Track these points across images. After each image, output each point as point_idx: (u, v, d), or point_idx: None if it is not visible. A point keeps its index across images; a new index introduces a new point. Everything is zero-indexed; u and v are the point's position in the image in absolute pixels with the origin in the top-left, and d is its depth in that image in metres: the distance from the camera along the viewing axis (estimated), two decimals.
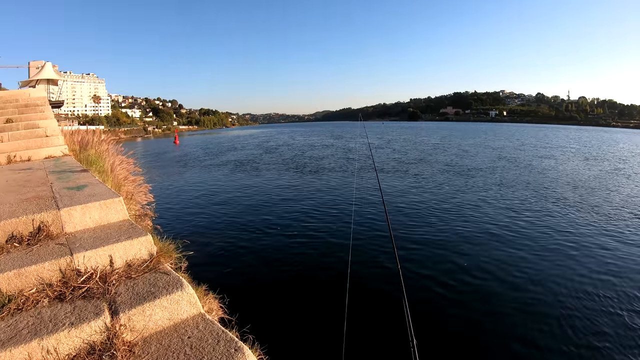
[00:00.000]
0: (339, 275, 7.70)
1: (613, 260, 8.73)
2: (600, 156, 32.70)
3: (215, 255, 9.29)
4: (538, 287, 7.43)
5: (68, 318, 2.03)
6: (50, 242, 2.81)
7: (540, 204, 13.82)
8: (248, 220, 12.32)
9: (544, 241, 10.04)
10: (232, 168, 25.86)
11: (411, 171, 22.69)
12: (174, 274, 2.67)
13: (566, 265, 8.45)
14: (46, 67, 16.92)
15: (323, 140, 56.67)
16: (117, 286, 2.43)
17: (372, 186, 17.61)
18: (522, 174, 21.35)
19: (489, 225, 11.26)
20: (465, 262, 8.61)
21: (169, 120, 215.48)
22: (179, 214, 13.29)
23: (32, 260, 2.46)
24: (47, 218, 3.03)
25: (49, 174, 5.03)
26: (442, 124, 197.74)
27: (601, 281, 7.68)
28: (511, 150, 37.25)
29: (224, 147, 47.49)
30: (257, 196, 16.16)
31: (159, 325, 2.24)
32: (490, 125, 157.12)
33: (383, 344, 5.53)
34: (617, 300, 6.85)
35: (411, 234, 10.58)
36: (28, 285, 2.32)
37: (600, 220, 11.77)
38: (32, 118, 9.00)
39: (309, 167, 25.57)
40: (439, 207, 13.44)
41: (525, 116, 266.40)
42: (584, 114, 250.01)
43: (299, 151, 38.30)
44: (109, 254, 2.72)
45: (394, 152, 35.87)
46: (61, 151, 7.47)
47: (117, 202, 3.46)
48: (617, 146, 47.56)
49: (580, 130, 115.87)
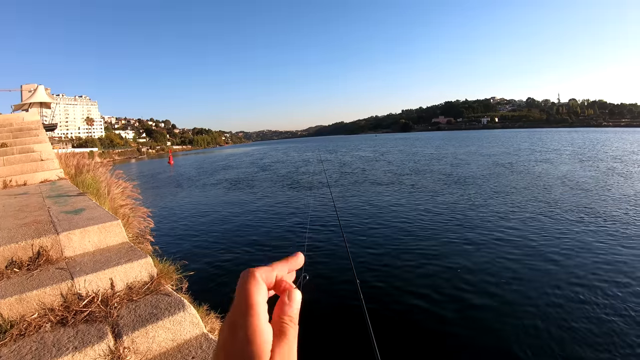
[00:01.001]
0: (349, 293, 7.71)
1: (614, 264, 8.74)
2: (596, 157, 32.89)
3: (214, 275, 9.23)
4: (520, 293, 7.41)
5: (71, 342, 2.03)
6: (50, 267, 2.80)
7: (546, 209, 13.82)
8: (246, 238, 12.27)
9: (539, 244, 10.05)
10: (228, 187, 25.80)
11: (406, 182, 22.76)
12: (175, 295, 2.67)
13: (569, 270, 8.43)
14: (39, 90, 16.97)
15: (318, 155, 56.76)
16: (119, 309, 2.43)
17: (368, 200, 17.66)
18: (520, 179, 21.43)
19: (488, 232, 11.26)
20: (469, 269, 8.59)
21: (162, 141, 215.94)
22: (177, 234, 13.22)
23: (32, 285, 2.45)
24: (47, 243, 3.02)
25: (46, 199, 5.02)
26: (435, 133, 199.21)
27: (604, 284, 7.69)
28: (508, 156, 37.35)
29: (218, 166, 47.41)
30: (254, 214, 16.12)
31: (163, 346, 2.24)
32: (483, 133, 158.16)
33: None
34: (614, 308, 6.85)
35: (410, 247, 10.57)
36: (30, 311, 2.32)
37: (598, 222, 11.82)
38: (27, 142, 9.00)
39: (303, 183, 25.57)
40: (433, 221, 13.45)
41: (516, 121, 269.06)
42: (575, 116, 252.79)
43: (293, 167, 38.31)
44: (109, 277, 2.72)
45: (389, 164, 35.98)
46: (57, 175, 7.47)
47: (115, 225, 3.46)
48: (611, 146, 47.94)
49: (573, 132, 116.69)
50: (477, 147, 57.32)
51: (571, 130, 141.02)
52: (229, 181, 29.21)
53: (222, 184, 27.53)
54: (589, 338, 5.77)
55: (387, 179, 24.55)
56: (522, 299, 7.18)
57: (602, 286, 7.46)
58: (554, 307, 6.78)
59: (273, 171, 35.59)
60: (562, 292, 7.31)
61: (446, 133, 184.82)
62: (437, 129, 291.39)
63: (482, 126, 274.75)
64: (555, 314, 6.57)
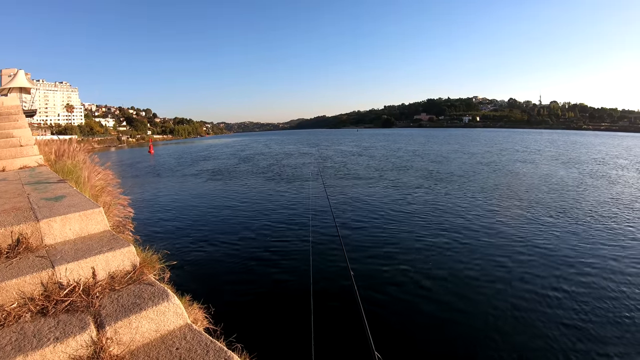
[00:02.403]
0: (341, 283, 7.78)
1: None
2: (579, 159, 33.54)
3: (196, 265, 9.18)
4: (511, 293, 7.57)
5: (52, 333, 1.98)
6: (30, 255, 2.73)
7: (533, 210, 14.06)
8: (227, 229, 12.23)
9: (527, 240, 10.27)
10: (208, 177, 25.63)
11: (388, 177, 22.90)
12: (158, 285, 2.63)
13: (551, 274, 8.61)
14: (19, 75, 16.52)
15: (299, 149, 56.72)
16: (101, 299, 2.38)
17: (355, 195, 17.72)
18: (506, 180, 21.75)
19: (468, 232, 11.41)
20: (449, 272, 8.71)
21: (143, 130, 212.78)
22: (158, 223, 13.10)
23: (12, 274, 2.38)
24: (26, 230, 2.94)
25: (25, 185, 4.89)
26: (417, 130, 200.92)
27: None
28: (492, 155, 37.84)
29: (199, 157, 47.02)
30: (234, 205, 16.05)
31: (146, 337, 2.20)
32: (464, 131, 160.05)
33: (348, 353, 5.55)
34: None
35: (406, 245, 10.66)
36: (9, 300, 2.25)
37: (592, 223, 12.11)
38: (6, 127, 8.76)
39: (285, 175, 25.51)
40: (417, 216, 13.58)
41: (498, 121, 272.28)
42: (556, 118, 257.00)
43: (274, 160, 38.19)
44: (91, 265, 2.66)
45: (371, 158, 36.12)
46: (36, 161, 7.29)
47: (97, 213, 3.39)
48: (594, 148, 49.00)
49: (553, 134, 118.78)
50: (459, 145, 57.95)
51: (552, 132, 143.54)
52: (209, 172, 29.02)
53: (202, 175, 27.35)
54: (578, 332, 5.96)
55: (368, 174, 24.66)
56: (513, 293, 7.40)
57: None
58: (535, 298, 6.98)
59: (254, 163, 35.44)
60: (553, 287, 7.52)
61: (427, 130, 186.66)
62: (419, 125, 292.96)
63: (464, 125, 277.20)
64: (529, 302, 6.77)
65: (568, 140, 73.13)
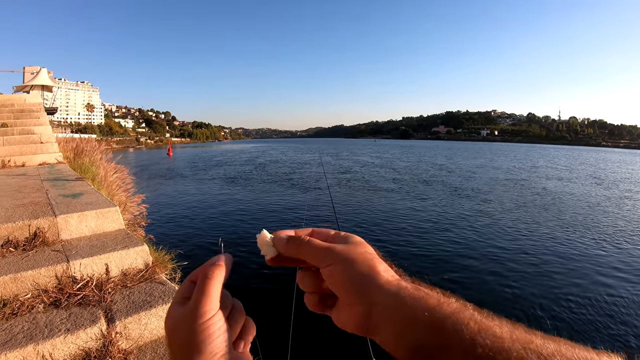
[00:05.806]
0: None
1: None
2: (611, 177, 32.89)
3: None
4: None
5: (64, 324, 2.03)
6: (46, 249, 2.80)
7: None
8: (241, 233, 12.28)
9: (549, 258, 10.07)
10: (225, 182, 25.76)
11: (412, 191, 22.77)
12: (169, 284, 2.68)
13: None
14: (41, 73, 16.92)
15: (317, 159, 56.66)
16: (113, 294, 2.43)
17: (364, 203, 17.68)
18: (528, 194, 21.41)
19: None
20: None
21: (161, 132, 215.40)
22: (172, 224, 13.20)
23: (28, 265, 2.45)
24: (44, 224, 3.02)
25: (44, 181, 5.01)
26: (435, 142, 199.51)
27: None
28: (524, 172, 37.01)
29: (217, 161, 47.32)
30: (249, 210, 16.12)
31: (154, 334, 2.24)
32: (484, 145, 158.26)
33: None
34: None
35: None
36: (23, 291, 2.31)
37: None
38: (28, 124, 8.99)
39: (300, 183, 25.55)
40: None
41: (516, 136, 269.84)
42: (575, 134, 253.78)
43: (290, 168, 38.26)
44: (105, 262, 2.72)
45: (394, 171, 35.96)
46: (55, 158, 7.46)
47: (113, 212, 3.46)
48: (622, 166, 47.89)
49: (573, 150, 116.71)
50: (486, 159, 57.23)
51: (571, 148, 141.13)
52: (226, 177, 29.16)
53: (219, 179, 27.48)
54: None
55: (392, 186, 24.56)
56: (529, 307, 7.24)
57: None
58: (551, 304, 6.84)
59: (271, 169, 35.56)
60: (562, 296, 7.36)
61: (447, 143, 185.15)
62: (437, 138, 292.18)
63: (482, 138, 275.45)
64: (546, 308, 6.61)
65: (599, 158, 71.43)
